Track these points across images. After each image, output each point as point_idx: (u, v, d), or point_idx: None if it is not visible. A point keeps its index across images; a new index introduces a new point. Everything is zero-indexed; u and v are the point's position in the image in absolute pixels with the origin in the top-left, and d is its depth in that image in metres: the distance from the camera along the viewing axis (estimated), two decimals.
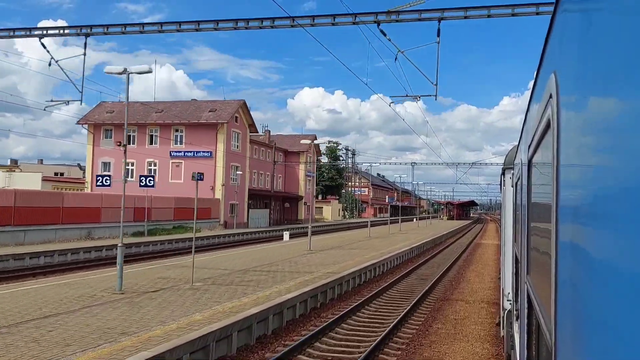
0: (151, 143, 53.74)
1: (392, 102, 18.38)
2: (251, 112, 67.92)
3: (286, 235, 42.88)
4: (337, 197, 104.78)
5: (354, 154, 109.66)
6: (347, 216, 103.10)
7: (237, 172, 53.76)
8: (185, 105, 55.27)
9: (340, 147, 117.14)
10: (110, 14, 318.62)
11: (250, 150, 64.37)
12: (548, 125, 1.74)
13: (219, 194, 51.47)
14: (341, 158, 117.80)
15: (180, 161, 52.48)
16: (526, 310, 3.00)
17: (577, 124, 1.23)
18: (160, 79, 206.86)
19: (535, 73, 2.43)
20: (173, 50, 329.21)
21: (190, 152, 52.08)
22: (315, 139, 79.85)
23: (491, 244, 46.53)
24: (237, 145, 55.41)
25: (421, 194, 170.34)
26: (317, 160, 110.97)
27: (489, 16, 14.90)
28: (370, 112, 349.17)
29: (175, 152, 52.62)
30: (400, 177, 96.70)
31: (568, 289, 1.31)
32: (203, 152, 51.82)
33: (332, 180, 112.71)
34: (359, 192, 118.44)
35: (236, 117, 54.71)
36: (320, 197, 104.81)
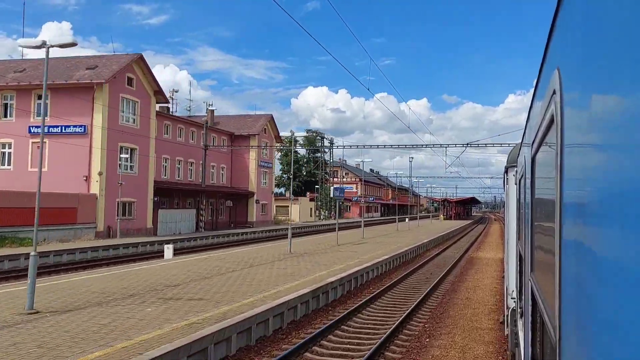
0: (5, 115, 37.79)
1: None
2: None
3: (169, 250, 27.33)
4: (316, 195, 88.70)
5: (332, 144, 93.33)
6: (323, 216, 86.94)
7: (124, 156, 37.49)
8: (59, 63, 39.22)
9: (319, 137, 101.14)
10: (114, 15, 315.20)
11: (172, 130, 48.36)
12: (551, 122, 1.72)
13: (96, 188, 35.41)
14: (324, 150, 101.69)
15: (44, 140, 36.41)
16: (530, 308, 3.01)
17: (581, 120, 1.21)
18: (163, 80, 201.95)
19: (538, 70, 2.39)
20: (177, 51, 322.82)
21: (57, 127, 36.02)
22: (272, 119, 63.95)
23: (492, 260, 30.30)
24: (133, 119, 39.30)
25: (424, 193, 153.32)
26: (294, 149, 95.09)
27: None
28: (374, 111, 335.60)
29: (37, 126, 36.56)
30: (367, 164, 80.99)
31: (572, 286, 1.31)
32: (74, 126, 35.80)
33: (312, 175, 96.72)
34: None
35: (130, 78, 38.63)
36: (287, 193, 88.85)
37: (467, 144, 45.25)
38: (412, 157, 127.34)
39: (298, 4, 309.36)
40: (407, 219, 77.36)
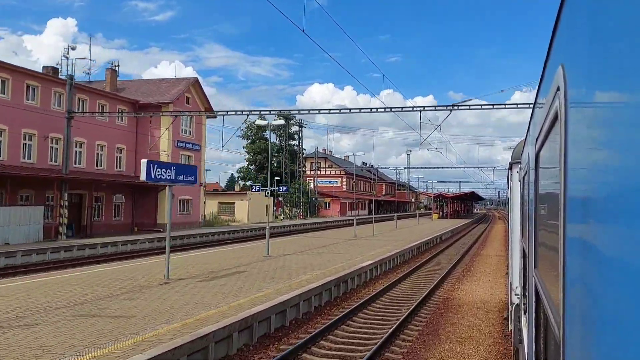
0: None
1: None
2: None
3: None
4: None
5: (301, 127, 77.04)
6: (284, 216, 70.81)
7: None
8: None
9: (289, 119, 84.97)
10: (121, 12, 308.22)
11: (11, 88, 32.34)
12: (555, 119, 1.72)
13: None
14: (296, 137, 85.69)
15: None
16: (534, 304, 3.01)
17: (586, 117, 1.21)
18: (168, 76, 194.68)
19: (542, 66, 2.37)
20: (183, 48, 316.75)
21: None
22: (197, 84, 47.87)
23: (489, 308, 13.91)
24: None
25: (424, 189, 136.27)
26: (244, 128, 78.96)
27: None
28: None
29: None
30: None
31: (576, 282, 1.31)
32: None
33: (285, 166, 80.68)
34: (315, 183, 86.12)
35: None
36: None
37: (452, 106, 29.62)
38: (410, 150, 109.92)
39: (304, 2, 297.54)
40: (395, 218, 61.48)
